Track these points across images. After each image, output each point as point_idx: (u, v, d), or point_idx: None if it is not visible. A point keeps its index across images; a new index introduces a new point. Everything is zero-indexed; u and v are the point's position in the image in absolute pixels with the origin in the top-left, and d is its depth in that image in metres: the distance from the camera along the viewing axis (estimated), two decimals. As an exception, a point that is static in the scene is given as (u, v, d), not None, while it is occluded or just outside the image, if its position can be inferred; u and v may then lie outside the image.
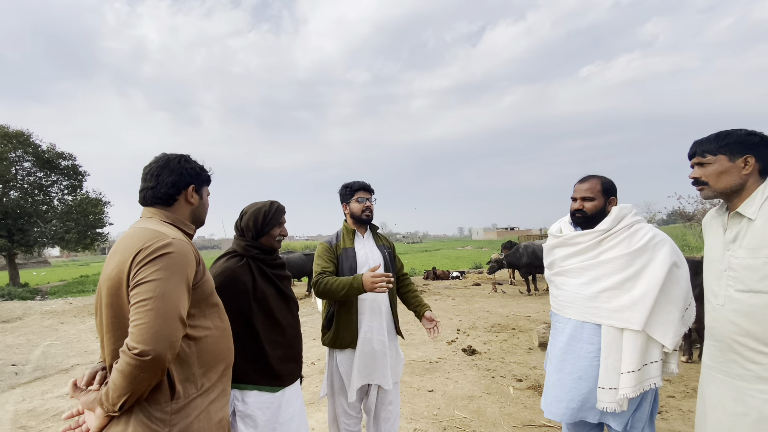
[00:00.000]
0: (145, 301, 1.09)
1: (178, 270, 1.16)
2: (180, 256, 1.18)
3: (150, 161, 1.44)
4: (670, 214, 23.42)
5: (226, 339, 1.40)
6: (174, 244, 1.19)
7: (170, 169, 1.39)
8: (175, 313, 1.11)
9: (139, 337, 1.06)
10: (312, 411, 3.60)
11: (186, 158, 1.45)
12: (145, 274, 1.12)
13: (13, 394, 4.48)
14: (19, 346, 6.81)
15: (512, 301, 9.38)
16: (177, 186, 1.39)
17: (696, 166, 1.55)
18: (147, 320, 1.07)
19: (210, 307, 1.35)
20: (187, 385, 1.23)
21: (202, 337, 1.28)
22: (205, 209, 1.52)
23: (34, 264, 46.43)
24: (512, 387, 3.98)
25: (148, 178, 1.39)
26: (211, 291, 1.36)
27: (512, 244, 12.13)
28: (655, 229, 1.83)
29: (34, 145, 19.76)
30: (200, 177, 1.46)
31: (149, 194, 1.39)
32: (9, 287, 16.96)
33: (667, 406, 3.42)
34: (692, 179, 1.56)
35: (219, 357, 1.35)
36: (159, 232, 1.22)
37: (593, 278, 1.85)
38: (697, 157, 1.55)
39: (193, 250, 1.28)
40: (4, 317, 9.92)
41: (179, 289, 1.15)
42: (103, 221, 21.51)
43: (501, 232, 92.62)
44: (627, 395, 1.71)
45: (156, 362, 1.07)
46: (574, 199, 1.99)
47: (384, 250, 2.50)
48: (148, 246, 1.16)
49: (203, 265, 1.33)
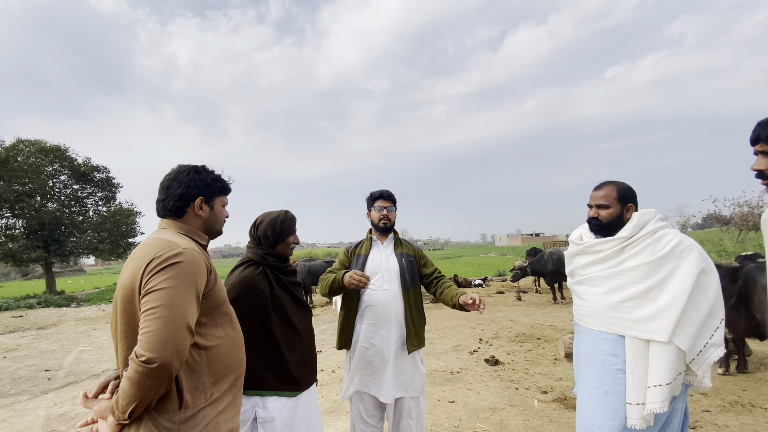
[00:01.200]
0: (153, 309, 1.11)
1: (188, 279, 1.18)
2: (190, 266, 1.20)
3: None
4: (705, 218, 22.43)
5: (237, 348, 1.40)
6: (185, 253, 1.21)
7: (179, 181, 1.40)
8: (183, 322, 1.12)
9: (146, 344, 1.08)
10: (331, 419, 3.58)
11: (197, 170, 1.45)
12: (155, 283, 1.14)
13: (45, 399, 4.66)
14: (53, 352, 7.09)
15: (537, 310, 9.14)
16: (184, 198, 1.40)
17: (760, 155, 1.28)
18: (154, 328, 1.09)
19: (221, 315, 1.35)
20: (196, 395, 1.23)
21: (212, 346, 1.28)
22: (219, 220, 1.51)
23: (70, 272, 48.52)
24: (537, 399, 3.85)
25: (161, 190, 1.43)
26: (222, 300, 1.37)
27: (537, 251, 11.84)
28: (681, 234, 1.74)
29: (71, 159, 20.82)
30: (211, 188, 1.46)
31: (161, 207, 1.42)
32: (46, 295, 17.77)
33: (702, 421, 3.24)
34: (756, 171, 1.30)
35: (230, 367, 1.34)
36: (171, 242, 1.24)
37: (615, 287, 1.77)
38: (761, 143, 1.27)
39: (205, 260, 1.29)
40: (39, 324, 10.37)
41: (188, 298, 1.16)
42: (135, 231, 22.41)
43: (525, 239, 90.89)
44: (654, 410, 1.62)
45: (162, 370, 1.08)
46: (590, 206, 1.92)
47: (402, 258, 2.46)
48: (160, 255, 1.18)
49: (215, 274, 1.34)
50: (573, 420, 3.33)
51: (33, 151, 19.57)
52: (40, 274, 28.32)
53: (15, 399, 4.67)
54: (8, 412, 4.24)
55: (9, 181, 17.98)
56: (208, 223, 1.47)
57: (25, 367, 6.11)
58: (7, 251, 18.65)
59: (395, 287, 2.39)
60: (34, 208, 19.12)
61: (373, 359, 2.30)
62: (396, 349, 2.33)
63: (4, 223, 19.45)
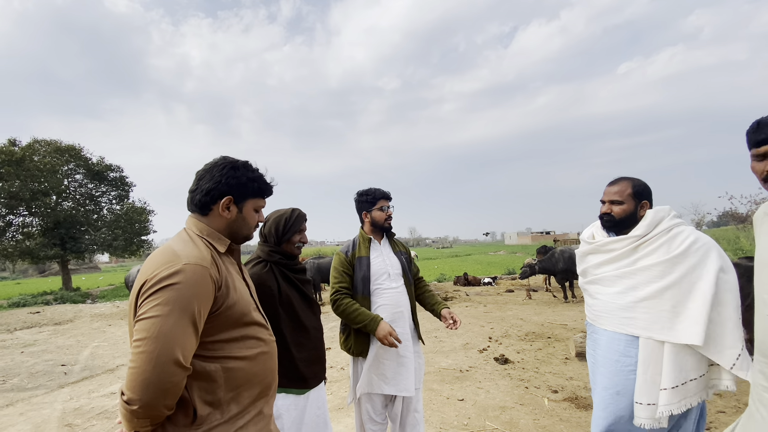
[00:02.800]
0: (138, 342, 1.01)
1: (182, 304, 1.04)
2: (186, 288, 1.06)
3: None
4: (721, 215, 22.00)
5: (263, 361, 1.27)
6: (184, 271, 1.07)
7: (211, 175, 1.28)
8: (169, 357, 1.00)
9: (128, 382, 1.00)
10: (341, 416, 3.60)
11: (235, 165, 1.30)
12: (144, 309, 1.04)
13: (61, 393, 4.75)
14: (69, 347, 7.23)
15: (547, 309, 9.06)
16: (211, 195, 1.26)
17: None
18: (137, 364, 0.99)
19: (243, 328, 1.22)
20: (211, 410, 1.13)
21: (230, 362, 1.17)
22: (247, 224, 1.34)
23: (86, 270, 49.41)
24: (547, 398, 3.82)
25: (195, 180, 1.31)
26: (244, 311, 1.23)
27: (547, 249, 11.72)
28: (697, 232, 1.69)
29: (85, 158, 21.20)
30: (245, 188, 1.30)
31: (189, 199, 1.30)
32: (62, 291, 18.15)
33: (717, 422, 3.18)
34: (765, 174, 1.24)
35: (252, 381, 1.23)
36: (174, 254, 1.11)
37: (629, 287, 1.74)
38: (766, 145, 1.22)
39: (213, 274, 1.14)
40: (56, 320, 10.59)
41: (180, 327, 1.03)
42: (148, 229, 22.76)
43: (536, 237, 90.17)
44: (667, 412, 1.59)
45: (146, 411, 1.00)
46: (603, 202, 1.89)
47: (401, 257, 2.50)
48: (154, 276, 1.06)
49: (229, 286, 1.19)
50: (584, 419, 3.30)
51: (48, 151, 19.96)
52: (57, 272, 28.94)
53: (32, 393, 4.77)
54: (26, 406, 4.34)
55: (25, 180, 18.36)
56: (233, 226, 1.30)
57: (42, 361, 6.25)
58: (24, 249, 19.08)
59: (401, 284, 2.44)
60: (50, 206, 19.51)
61: (392, 357, 2.31)
62: (413, 343, 2.39)
63: (21, 221, 19.90)
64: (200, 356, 1.12)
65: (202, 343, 1.12)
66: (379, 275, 2.38)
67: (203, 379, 1.12)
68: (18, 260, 20.27)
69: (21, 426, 3.81)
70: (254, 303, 1.32)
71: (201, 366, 1.12)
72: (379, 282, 2.37)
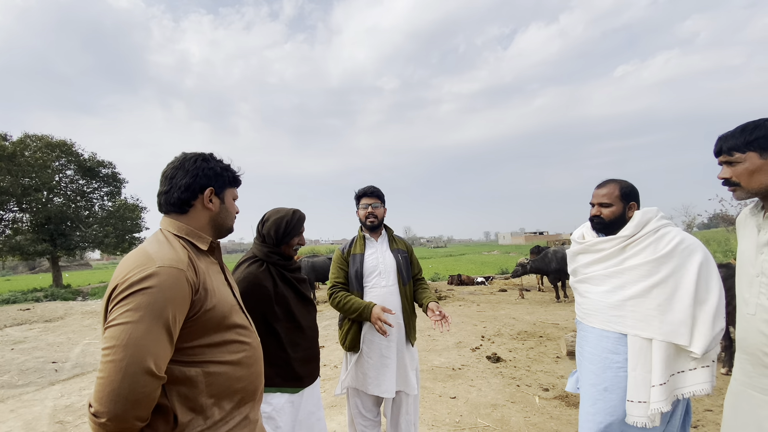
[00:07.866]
0: (107, 350, 0.94)
1: (155, 309, 0.98)
2: (160, 292, 0.99)
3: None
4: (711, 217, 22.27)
5: (247, 365, 1.21)
6: (158, 274, 1.01)
7: (185, 170, 1.22)
8: (140, 367, 0.94)
9: (96, 394, 0.94)
10: (334, 413, 3.62)
11: (205, 157, 1.26)
12: (114, 316, 0.97)
13: (52, 390, 4.73)
14: (60, 345, 7.18)
15: (540, 308, 9.14)
16: (191, 189, 1.21)
17: (725, 165, 1.39)
18: (105, 374, 0.93)
19: (224, 332, 1.16)
20: (193, 416, 1.08)
21: (211, 366, 1.12)
22: (230, 214, 1.32)
23: (77, 267, 48.91)
24: (538, 396, 3.87)
25: (163, 181, 1.24)
26: (225, 314, 1.17)
27: (540, 249, 11.83)
28: (683, 233, 1.74)
29: (77, 154, 20.95)
30: (222, 178, 1.27)
31: (163, 200, 1.23)
32: (52, 288, 17.96)
33: (704, 420, 3.24)
34: (722, 179, 1.40)
35: (238, 384, 1.18)
36: (148, 256, 1.05)
37: (618, 286, 1.78)
38: (723, 155, 1.38)
39: (189, 277, 1.07)
40: (47, 317, 10.50)
41: (152, 334, 0.97)
42: (140, 226, 22.57)
43: (529, 237, 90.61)
44: (660, 409, 1.62)
45: (115, 425, 0.93)
46: (592, 204, 1.92)
47: (397, 254, 2.48)
48: (126, 280, 1.00)
49: (207, 289, 1.13)
50: (574, 417, 3.35)
51: (39, 146, 19.72)
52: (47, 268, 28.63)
53: (23, 390, 4.74)
54: (16, 403, 4.31)
55: (16, 176, 18.13)
56: (218, 218, 1.27)
57: (32, 359, 6.20)
58: (14, 245, 18.85)
59: (393, 283, 2.41)
60: (41, 202, 19.29)
61: (375, 357, 2.31)
62: (397, 344, 2.36)
63: (11, 216, 19.64)
64: (180, 361, 1.07)
65: (181, 349, 1.07)
66: (371, 273, 2.38)
67: (184, 384, 1.06)
68: (7, 256, 20.02)
69: (12, 423, 3.79)
70: (237, 304, 1.27)
71: (181, 371, 1.06)
72: (369, 279, 2.38)
